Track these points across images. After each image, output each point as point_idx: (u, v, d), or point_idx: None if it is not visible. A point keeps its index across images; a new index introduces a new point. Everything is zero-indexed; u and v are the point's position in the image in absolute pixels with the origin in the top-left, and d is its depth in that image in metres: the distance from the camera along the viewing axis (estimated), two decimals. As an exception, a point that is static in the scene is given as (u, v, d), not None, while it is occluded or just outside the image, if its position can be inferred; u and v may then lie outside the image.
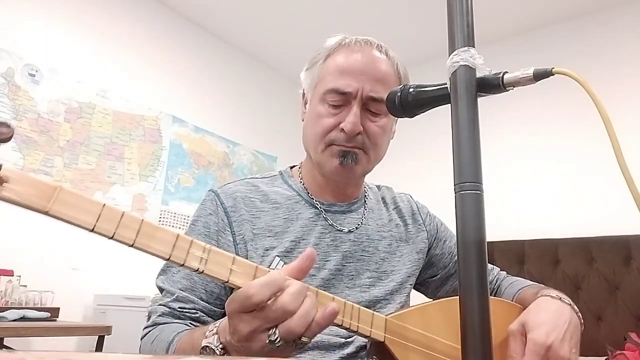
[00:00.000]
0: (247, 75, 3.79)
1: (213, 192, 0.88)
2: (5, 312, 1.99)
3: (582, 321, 0.75)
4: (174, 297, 0.78)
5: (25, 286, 2.24)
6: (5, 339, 2.04)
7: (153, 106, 3.11)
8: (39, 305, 2.22)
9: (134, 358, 0.39)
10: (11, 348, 2.09)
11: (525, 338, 0.68)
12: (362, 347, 0.80)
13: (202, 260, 0.52)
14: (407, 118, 0.61)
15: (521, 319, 0.70)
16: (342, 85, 0.83)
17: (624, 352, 1.93)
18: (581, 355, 0.71)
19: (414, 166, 3.41)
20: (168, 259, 0.51)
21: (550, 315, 0.70)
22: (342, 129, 0.83)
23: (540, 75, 0.49)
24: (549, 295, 0.76)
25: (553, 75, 0.48)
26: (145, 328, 0.78)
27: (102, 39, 2.92)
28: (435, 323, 0.72)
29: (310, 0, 3.16)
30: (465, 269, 0.44)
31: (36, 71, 2.59)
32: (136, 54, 3.09)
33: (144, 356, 0.49)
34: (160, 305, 0.80)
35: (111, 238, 0.48)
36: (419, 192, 1.15)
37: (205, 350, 0.56)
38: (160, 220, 3.05)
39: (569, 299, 0.76)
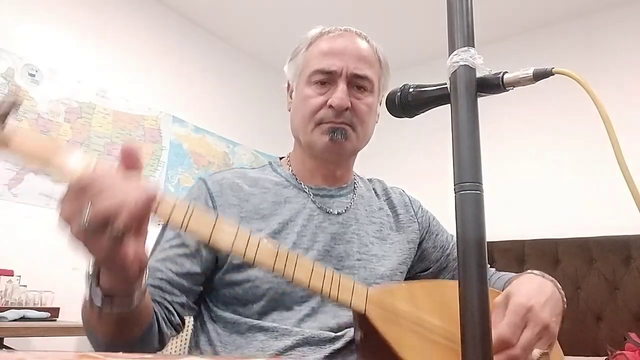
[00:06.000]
0: (247, 75, 3.79)
1: (201, 179, 0.90)
2: (5, 312, 1.99)
3: (565, 300, 0.76)
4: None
5: (25, 286, 2.24)
6: (5, 339, 2.04)
7: (153, 106, 3.11)
8: (39, 305, 2.22)
9: (134, 358, 0.39)
10: (11, 348, 2.09)
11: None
12: (352, 341, 0.79)
13: None
14: (407, 118, 0.61)
15: (505, 291, 0.70)
16: (327, 65, 0.87)
17: (624, 352, 1.93)
18: (581, 355, 0.71)
19: (414, 166, 3.41)
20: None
21: (532, 286, 0.72)
22: (331, 105, 0.85)
23: (540, 75, 0.49)
24: (532, 273, 0.78)
25: (553, 75, 0.48)
26: None
27: (102, 39, 2.92)
28: (422, 300, 0.71)
29: (310, 1, 3.16)
30: (465, 269, 0.44)
31: (36, 71, 2.59)
32: (136, 54, 3.09)
33: (144, 356, 0.49)
34: None
35: None
36: (418, 192, 1.15)
37: (87, 279, 0.58)
38: (160, 220, 3.05)
39: (552, 278, 0.78)
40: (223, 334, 0.81)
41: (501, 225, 2.73)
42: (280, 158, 1.00)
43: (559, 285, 0.77)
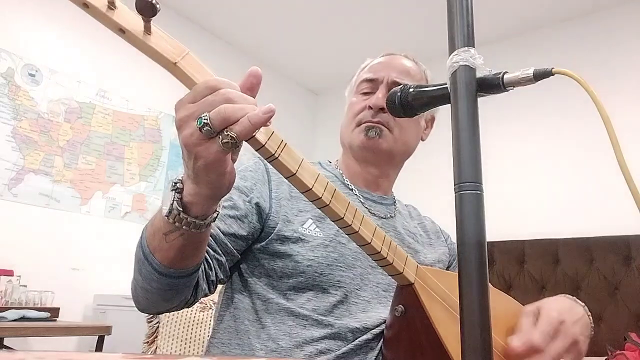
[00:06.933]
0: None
1: (258, 157, 0.92)
2: (5, 312, 1.99)
3: (593, 325, 0.76)
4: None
5: (25, 286, 2.24)
6: (5, 339, 2.04)
7: (153, 106, 3.12)
8: (39, 305, 2.22)
9: (134, 358, 0.39)
10: (11, 348, 2.09)
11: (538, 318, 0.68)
12: (377, 336, 0.79)
13: None
14: (407, 118, 0.61)
15: (536, 304, 0.71)
16: (371, 74, 0.96)
17: (624, 352, 1.94)
18: (582, 355, 0.71)
19: (414, 166, 3.41)
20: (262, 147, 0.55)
21: (565, 305, 0.72)
22: (369, 106, 0.92)
23: (540, 75, 0.49)
24: (564, 295, 0.78)
25: (553, 75, 0.48)
26: None
27: (102, 39, 2.92)
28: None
29: (307, 1, 3.16)
30: (465, 269, 0.44)
31: (36, 71, 2.59)
32: (136, 53, 3.07)
33: (144, 356, 0.49)
34: None
35: None
36: (419, 192, 1.15)
37: (167, 189, 0.58)
38: (160, 220, 3.05)
39: (582, 303, 0.78)
40: (251, 309, 0.81)
41: (501, 225, 2.73)
42: (329, 162, 1.04)
43: (588, 311, 0.77)
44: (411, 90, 0.59)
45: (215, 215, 0.61)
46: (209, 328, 1.27)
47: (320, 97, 4.39)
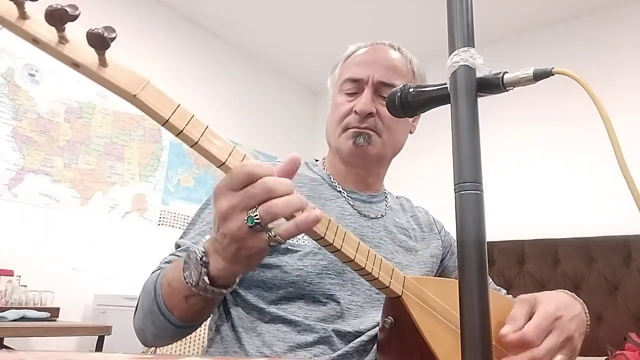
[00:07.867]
0: (247, 74, 3.79)
1: None
2: (5, 312, 1.99)
3: (589, 323, 0.75)
4: (184, 247, 0.81)
5: (25, 286, 2.24)
6: (5, 339, 2.04)
7: (153, 106, 3.11)
8: (39, 305, 2.22)
9: (134, 358, 0.39)
10: (11, 348, 2.09)
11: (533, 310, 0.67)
12: (372, 338, 0.79)
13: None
14: (395, 117, 0.62)
15: (533, 294, 0.70)
16: (355, 73, 0.91)
17: (623, 352, 1.94)
18: (581, 355, 0.71)
19: (414, 166, 3.41)
20: (222, 164, 0.54)
21: (562, 301, 0.71)
22: (355, 111, 0.88)
23: (540, 75, 0.49)
24: (563, 291, 0.78)
25: (553, 75, 0.48)
26: (151, 273, 0.79)
27: (102, 39, 2.92)
28: (452, 296, 0.72)
29: (307, 2, 3.16)
30: (465, 269, 0.44)
31: (36, 71, 2.59)
32: (135, 53, 3.09)
33: (144, 356, 0.49)
34: (170, 255, 0.82)
35: (179, 134, 0.52)
36: (419, 192, 1.15)
37: (188, 258, 0.58)
38: (160, 221, 3.05)
39: (581, 300, 0.78)
40: (246, 319, 0.81)
41: (501, 225, 2.73)
42: (316, 160, 1.02)
43: (586, 308, 0.77)
44: (411, 90, 0.59)
45: (237, 280, 0.62)
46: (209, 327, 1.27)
47: (320, 97, 4.38)
